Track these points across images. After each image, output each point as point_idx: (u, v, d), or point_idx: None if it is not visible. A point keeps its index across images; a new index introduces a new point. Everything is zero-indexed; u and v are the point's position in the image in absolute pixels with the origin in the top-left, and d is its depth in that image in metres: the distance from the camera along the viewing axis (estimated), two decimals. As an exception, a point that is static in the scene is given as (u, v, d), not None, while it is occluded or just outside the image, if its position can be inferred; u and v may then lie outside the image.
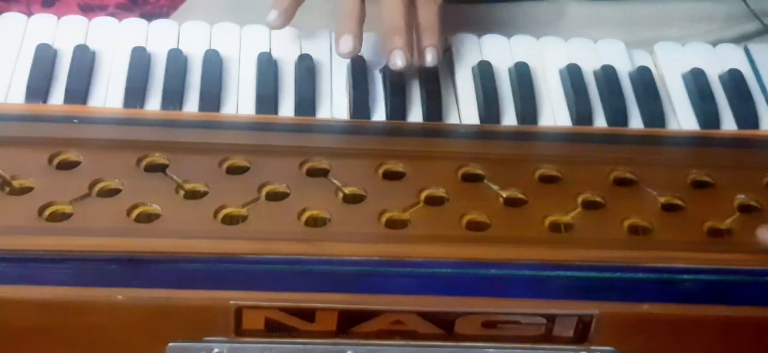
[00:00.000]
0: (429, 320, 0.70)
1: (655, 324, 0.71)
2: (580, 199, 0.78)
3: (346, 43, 0.84)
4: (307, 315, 0.69)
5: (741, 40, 1.00)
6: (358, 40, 0.84)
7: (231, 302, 0.68)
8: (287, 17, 0.87)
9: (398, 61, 0.83)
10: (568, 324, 0.70)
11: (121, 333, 0.69)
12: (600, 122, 0.87)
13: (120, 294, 0.68)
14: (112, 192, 0.75)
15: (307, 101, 0.85)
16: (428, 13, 0.86)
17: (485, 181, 0.79)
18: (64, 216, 0.73)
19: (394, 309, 0.69)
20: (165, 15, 1.10)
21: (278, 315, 0.69)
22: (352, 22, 0.84)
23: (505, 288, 0.71)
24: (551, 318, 0.70)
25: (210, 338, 0.70)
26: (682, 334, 0.72)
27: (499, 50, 0.93)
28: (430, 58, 0.85)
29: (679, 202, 0.79)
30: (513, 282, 0.71)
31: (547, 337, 0.71)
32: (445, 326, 0.70)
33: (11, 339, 0.69)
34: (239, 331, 0.70)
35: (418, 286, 0.71)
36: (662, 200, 0.79)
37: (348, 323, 0.70)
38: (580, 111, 0.87)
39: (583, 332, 0.71)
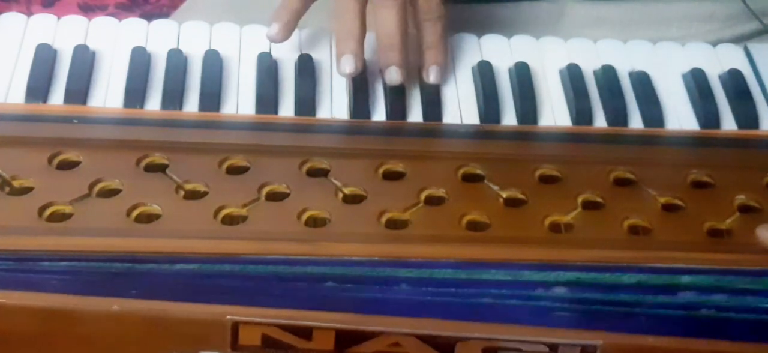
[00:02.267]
0: (428, 343, 0.69)
1: None
2: (580, 199, 0.78)
3: (348, 64, 0.84)
4: (304, 333, 0.69)
5: (741, 40, 1.00)
6: (360, 59, 0.84)
7: (228, 317, 0.68)
8: (289, 31, 0.88)
9: (394, 77, 0.84)
10: None
11: (117, 343, 0.69)
12: (600, 122, 0.87)
13: (116, 305, 0.67)
14: (112, 192, 0.75)
15: (307, 101, 0.85)
16: (433, 31, 0.87)
17: (485, 181, 0.79)
18: (64, 216, 0.72)
19: (393, 331, 0.69)
20: (165, 15, 1.10)
21: (275, 332, 0.68)
22: (353, 41, 0.84)
23: (506, 293, 0.70)
24: (554, 347, 0.69)
25: (206, 352, 0.69)
26: None
27: (499, 50, 0.93)
28: (433, 77, 0.87)
29: (679, 202, 0.79)
30: (513, 285, 0.71)
31: None
32: (444, 350, 0.69)
33: (7, 345, 0.69)
34: (235, 346, 0.69)
35: (418, 293, 0.70)
36: (662, 200, 0.79)
37: (345, 343, 0.69)
38: (580, 111, 0.87)
39: None
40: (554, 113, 0.88)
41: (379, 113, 0.86)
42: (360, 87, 0.86)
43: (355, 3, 0.85)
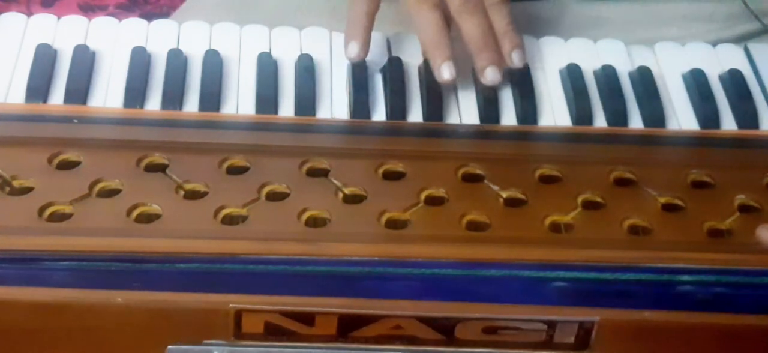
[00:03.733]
0: (429, 325, 0.70)
1: (656, 331, 0.71)
2: (580, 199, 0.78)
3: (448, 70, 0.85)
4: (307, 319, 0.69)
5: (741, 40, 1.00)
6: (455, 63, 0.85)
7: (230, 305, 0.68)
8: (367, 46, 0.88)
9: (493, 76, 0.86)
10: (569, 330, 0.70)
11: (121, 335, 0.69)
12: (600, 122, 0.87)
13: (119, 297, 0.68)
14: (112, 192, 0.75)
15: (307, 101, 0.85)
16: (502, 18, 0.88)
17: (485, 181, 0.79)
18: (64, 216, 0.72)
19: (394, 314, 0.69)
20: (165, 15, 1.10)
21: (278, 318, 0.69)
22: (445, 48, 0.86)
23: (506, 290, 0.71)
24: (552, 325, 0.70)
25: (209, 341, 0.70)
26: (683, 342, 0.72)
27: (499, 50, 0.92)
28: (517, 60, 0.88)
29: (679, 202, 0.79)
30: (513, 282, 0.71)
31: (548, 343, 0.71)
32: (445, 331, 0.70)
33: (10, 340, 0.69)
34: (239, 334, 0.69)
35: (419, 289, 0.70)
36: (662, 200, 0.79)
37: (348, 327, 0.70)
38: (580, 111, 0.87)
39: (584, 339, 0.71)
40: (554, 113, 0.88)
41: (379, 113, 0.86)
42: (360, 87, 0.87)
43: (435, 12, 0.86)
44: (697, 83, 0.90)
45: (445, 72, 0.85)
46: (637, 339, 0.71)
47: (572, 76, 0.90)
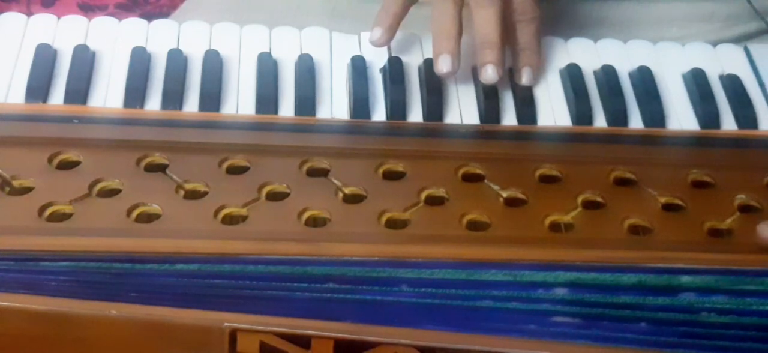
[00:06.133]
0: None
1: None
2: (580, 199, 0.78)
3: (446, 63, 0.85)
4: (303, 342, 0.68)
5: (741, 39, 1.00)
6: (457, 58, 0.85)
7: (225, 324, 0.67)
8: (391, 34, 0.88)
9: (491, 75, 0.85)
10: None
11: (114, 348, 0.68)
12: (600, 122, 0.87)
13: (114, 309, 0.67)
14: (112, 192, 0.75)
15: (307, 101, 0.85)
16: (527, 32, 0.88)
17: (485, 181, 0.79)
18: (64, 216, 0.72)
19: (392, 342, 0.68)
20: (165, 15, 1.10)
21: (273, 340, 0.68)
22: (450, 40, 0.85)
23: (506, 302, 0.69)
24: None
25: None
26: None
27: (500, 50, 0.92)
28: (526, 78, 0.88)
29: (679, 202, 0.79)
30: (513, 285, 0.70)
31: None
32: None
33: (2, 348, 0.69)
34: None
35: (418, 294, 0.69)
36: (662, 200, 0.79)
37: (344, 352, 0.68)
38: (580, 111, 0.87)
39: None
40: (554, 113, 0.88)
41: (379, 113, 0.86)
42: (360, 87, 0.86)
43: (453, 5, 0.85)
44: (697, 83, 0.90)
45: (441, 63, 0.85)
46: None
47: (572, 76, 0.90)
